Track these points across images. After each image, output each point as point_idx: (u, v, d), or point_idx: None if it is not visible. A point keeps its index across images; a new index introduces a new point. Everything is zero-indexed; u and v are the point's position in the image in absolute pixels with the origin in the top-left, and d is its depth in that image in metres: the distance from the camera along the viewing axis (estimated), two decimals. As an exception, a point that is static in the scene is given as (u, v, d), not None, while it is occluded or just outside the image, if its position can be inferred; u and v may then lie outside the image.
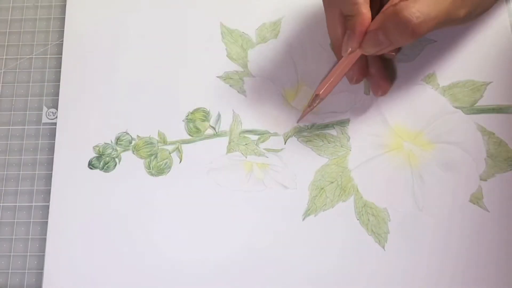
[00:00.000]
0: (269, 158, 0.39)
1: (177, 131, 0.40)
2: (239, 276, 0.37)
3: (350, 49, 0.36)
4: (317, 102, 0.38)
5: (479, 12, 0.38)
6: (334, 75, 0.38)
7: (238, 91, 0.41)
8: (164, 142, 0.40)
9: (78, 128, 0.41)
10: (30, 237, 0.39)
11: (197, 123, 0.41)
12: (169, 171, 0.40)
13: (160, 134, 0.40)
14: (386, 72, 0.40)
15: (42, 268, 0.38)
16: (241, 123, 0.40)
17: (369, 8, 0.35)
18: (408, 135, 0.39)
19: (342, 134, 0.40)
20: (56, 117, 0.41)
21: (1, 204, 0.40)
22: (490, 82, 0.40)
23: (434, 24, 0.33)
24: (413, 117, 0.40)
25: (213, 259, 0.37)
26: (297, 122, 0.40)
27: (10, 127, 0.41)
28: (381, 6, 0.36)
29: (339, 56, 0.39)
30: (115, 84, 0.42)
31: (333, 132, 0.40)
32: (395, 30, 0.34)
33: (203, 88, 0.41)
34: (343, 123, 0.40)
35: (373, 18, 0.35)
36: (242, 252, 0.37)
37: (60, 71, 0.42)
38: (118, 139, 0.40)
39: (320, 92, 0.38)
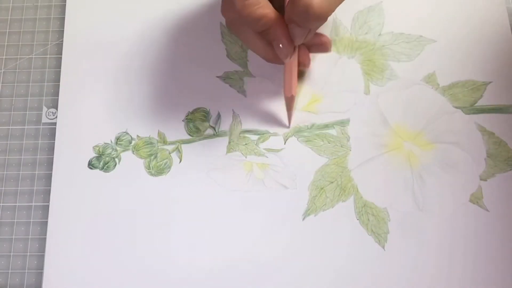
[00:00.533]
0: (269, 158, 0.39)
1: (177, 131, 0.40)
2: (239, 276, 0.37)
3: (289, 55, 0.37)
4: (291, 102, 0.38)
5: None
6: (290, 75, 0.38)
7: (238, 91, 0.41)
8: (164, 142, 0.40)
9: (78, 128, 0.41)
10: (30, 237, 0.39)
11: (197, 123, 0.41)
12: (169, 171, 0.40)
13: (160, 134, 0.40)
14: (318, 33, 0.40)
15: (42, 268, 0.38)
16: (241, 123, 0.40)
17: (273, 8, 0.36)
18: (408, 135, 0.39)
19: (342, 134, 0.40)
20: (56, 117, 0.41)
21: (1, 204, 0.40)
22: (490, 82, 0.40)
23: (335, 2, 0.34)
24: (413, 117, 0.40)
25: (213, 258, 0.37)
26: (289, 126, 0.40)
27: (10, 127, 0.41)
28: None
29: (280, 63, 0.39)
30: (115, 84, 0.42)
31: (333, 132, 0.40)
32: (300, 19, 0.34)
33: (203, 88, 0.41)
34: (343, 123, 0.40)
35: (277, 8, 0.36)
36: (242, 252, 0.37)
37: (60, 71, 0.42)
38: (118, 139, 0.40)
39: (292, 93, 0.38)
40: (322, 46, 0.39)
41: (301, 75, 0.41)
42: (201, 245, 0.38)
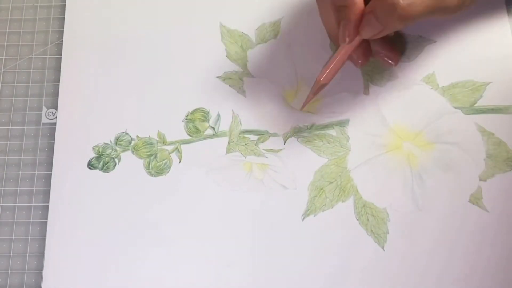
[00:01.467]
0: (268, 159, 0.39)
1: (177, 131, 0.40)
2: (238, 276, 0.37)
3: (347, 38, 0.36)
4: (317, 88, 0.38)
5: (474, 1, 0.37)
6: (334, 62, 0.38)
7: (237, 91, 0.41)
8: (164, 142, 0.40)
9: (78, 128, 0.41)
10: (29, 237, 0.39)
11: (196, 123, 0.41)
12: (168, 171, 0.40)
13: (159, 134, 0.40)
14: (392, 45, 0.40)
15: (41, 268, 0.38)
16: (240, 123, 0.40)
17: None
18: (408, 135, 0.39)
19: (342, 134, 0.40)
20: (56, 117, 0.41)
21: (1, 204, 0.40)
22: (490, 82, 0.40)
23: (424, 9, 0.34)
24: (413, 117, 0.40)
25: (211, 258, 0.37)
26: (300, 109, 0.40)
27: (10, 127, 0.41)
28: None
29: (338, 45, 0.39)
30: (115, 84, 0.42)
31: (332, 132, 0.40)
32: (383, 13, 0.34)
33: (203, 88, 0.41)
34: (342, 123, 0.40)
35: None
36: (242, 252, 0.37)
37: (59, 71, 0.42)
38: (117, 139, 0.40)
39: (321, 79, 0.38)
40: (388, 58, 0.40)
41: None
42: (201, 245, 0.38)
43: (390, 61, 0.40)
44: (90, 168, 0.40)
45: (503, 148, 0.38)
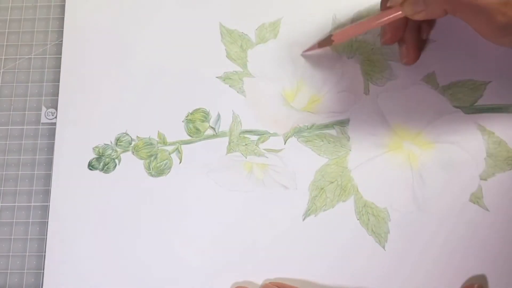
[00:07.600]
0: (269, 159, 0.39)
1: (177, 131, 0.40)
2: (239, 276, 0.37)
3: (410, 11, 0.37)
4: (325, 42, 0.39)
5: None
6: (356, 25, 0.39)
7: (237, 92, 0.41)
8: (164, 142, 0.40)
9: (78, 128, 0.41)
10: (29, 237, 0.39)
11: (197, 124, 0.40)
12: (169, 171, 0.39)
13: (160, 135, 0.40)
14: (419, 43, 0.40)
15: (41, 268, 0.38)
16: (240, 123, 0.40)
17: None
18: (408, 134, 0.39)
19: (342, 134, 0.40)
20: (55, 117, 0.41)
21: (0, 204, 0.39)
22: (490, 82, 0.40)
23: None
24: (413, 116, 0.40)
25: (212, 259, 0.37)
26: (302, 53, 0.41)
27: (9, 127, 0.41)
28: None
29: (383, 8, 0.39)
30: (115, 84, 0.42)
31: (333, 132, 0.40)
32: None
33: (203, 88, 0.41)
34: (343, 123, 0.40)
35: None
36: (242, 253, 0.37)
37: (59, 71, 0.42)
38: (118, 140, 0.40)
39: (334, 35, 0.39)
40: (406, 52, 0.41)
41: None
42: (201, 245, 0.38)
43: (407, 57, 0.40)
44: (90, 169, 0.40)
45: (504, 147, 0.39)
